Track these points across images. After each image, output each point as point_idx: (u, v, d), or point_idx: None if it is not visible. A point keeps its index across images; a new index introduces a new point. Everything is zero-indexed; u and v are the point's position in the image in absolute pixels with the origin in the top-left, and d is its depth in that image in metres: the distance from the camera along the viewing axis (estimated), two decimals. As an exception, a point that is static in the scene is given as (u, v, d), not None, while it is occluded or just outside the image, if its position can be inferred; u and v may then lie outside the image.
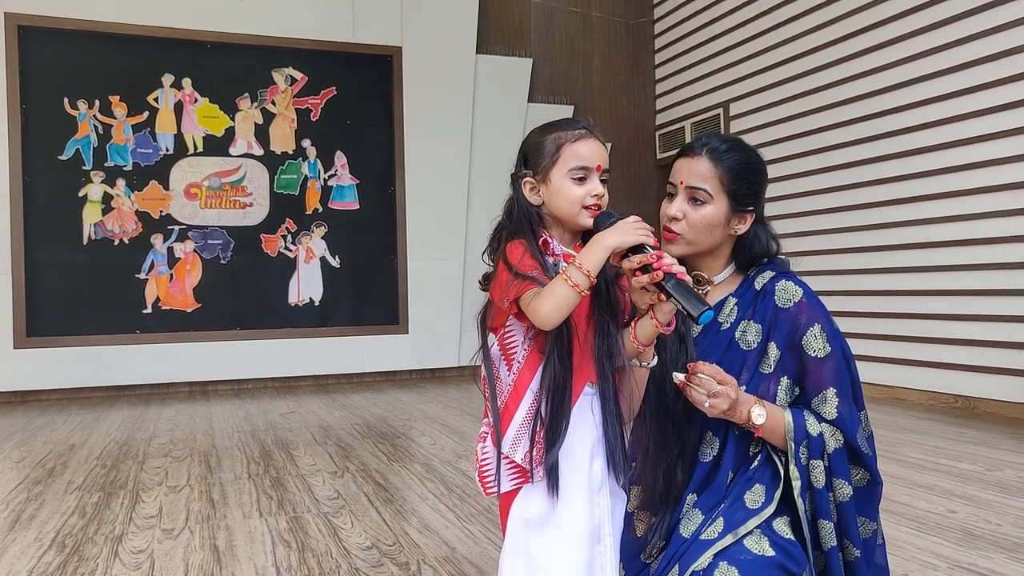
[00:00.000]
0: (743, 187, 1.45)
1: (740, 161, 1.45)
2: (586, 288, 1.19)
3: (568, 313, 1.21)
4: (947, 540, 2.37)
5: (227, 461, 3.61)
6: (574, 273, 1.19)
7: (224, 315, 6.06)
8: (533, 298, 1.21)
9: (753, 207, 1.48)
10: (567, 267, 1.21)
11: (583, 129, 1.31)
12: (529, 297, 1.22)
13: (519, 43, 7.07)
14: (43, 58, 5.67)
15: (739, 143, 1.48)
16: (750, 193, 1.46)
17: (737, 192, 1.45)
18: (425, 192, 6.52)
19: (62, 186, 5.70)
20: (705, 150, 1.45)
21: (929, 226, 4.75)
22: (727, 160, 1.44)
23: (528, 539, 1.26)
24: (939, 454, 3.48)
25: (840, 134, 5.35)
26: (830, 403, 1.39)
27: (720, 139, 1.47)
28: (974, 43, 4.44)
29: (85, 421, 4.76)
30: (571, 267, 1.20)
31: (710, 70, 6.70)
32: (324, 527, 2.61)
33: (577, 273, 1.19)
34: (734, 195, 1.45)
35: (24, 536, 2.56)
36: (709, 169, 1.44)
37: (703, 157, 1.45)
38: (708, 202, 1.44)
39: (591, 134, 1.31)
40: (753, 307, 1.46)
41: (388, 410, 5.02)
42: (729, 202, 1.45)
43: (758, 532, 1.32)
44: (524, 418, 1.27)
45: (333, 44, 6.34)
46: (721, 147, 1.45)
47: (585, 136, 1.30)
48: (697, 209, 1.44)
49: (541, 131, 1.34)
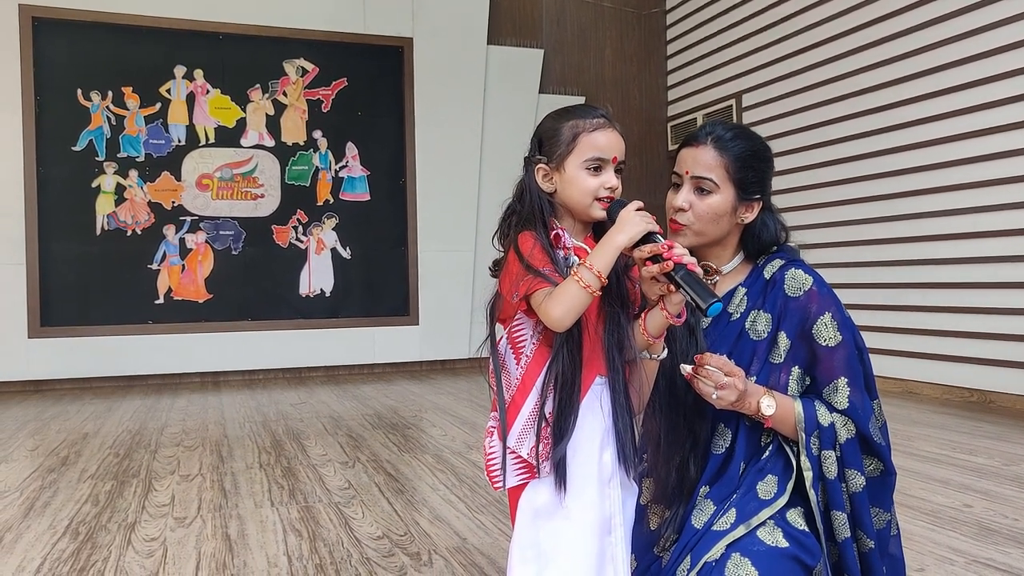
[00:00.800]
0: (749, 175, 1.43)
1: (745, 149, 1.43)
2: (598, 289, 1.18)
3: (580, 314, 1.20)
4: (963, 535, 2.35)
5: (239, 451, 3.63)
6: (585, 274, 1.17)
7: (235, 306, 6.08)
8: (544, 299, 1.20)
9: (760, 195, 1.46)
10: (578, 268, 1.19)
11: (601, 118, 1.28)
12: (540, 297, 1.20)
13: (530, 34, 7.04)
14: (57, 50, 5.69)
15: (744, 131, 1.46)
16: (756, 181, 1.44)
17: (743, 180, 1.43)
18: (436, 183, 6.51)
19: (75, 177, 5.73)
20: (710, 139, 1.43)
21: (944, 218, 4.70)
22: (732, 148, 1.42)
23: (538, 530, 1.25)
24: (954, 448, 3.45)
25: (854, 125, 5.29)
26: (841, 392, 1.38)
27: (725, 127, 1.45)
28: (994, 31, 4.37)
29: (98, 410, 4.80)
30: (582, 268, 1.18)
31: (722, 61, 6.65)
32: (335, 517, 2.61)
33: (588, 274, 1.17)
34: (740, 184, 1.43)
35: (38, 523, 2.58)
36: (714, 158, 1.42)
37: (708, 146, 1.43)
38: (714, 191, 1.42)
39: (609, 124, 1.28)
40: (763, 296, 1.44)
41: (399, 401, 5.03)
42: (735, 191, 1.43)
43: (771, 523, 1.31)
44: (531, 413, 1.25)
45: (344, 35, 6.33)
46: (726, 135, 1.43)
47: (603, 126, 1.27)
48: (703, 199, 1.43)
49: (558, 116, 1.31)
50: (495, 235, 1.34)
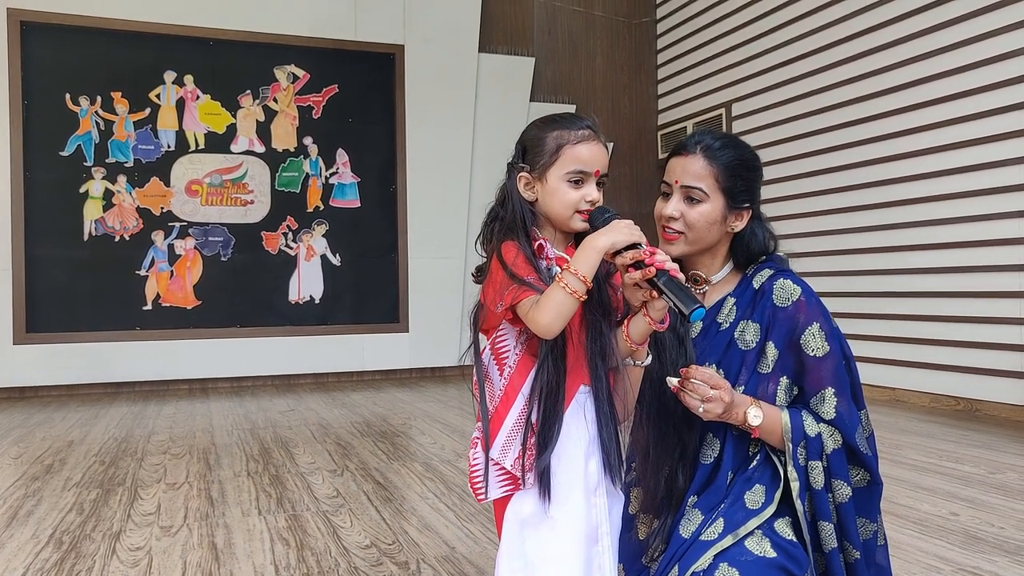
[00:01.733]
0: (738, 184, 1.44)
1: (734, 158, 1.44)
2: (584, 293, 1.17)
3: (568, 320, 1.19)
4: (950, 543, 2.36)
5: (226, 459, 3.60)
6: (570, 280, 1.16)
7: (224, 312, 6.05)
8: (531, 308, 1.19)
9: (749, 204, 1.46)
10: (562, 273, 1.18)
11: (587, 129, 1.27)
12: (527, 306, 1.19)
13: (521, 42, 7.06)
14: (45, 54, 5.66)
15: (733, 139, 1.47)
16: (746, 190, 1.45)
17: (732, 189, 1.43)
18: (426, 191, 6.51)
19: (63, 182, 5.69)
20: (699, 148, 1.44)
21: (931, 228, 4.73)
22: (721, 157, 1.43)
23: (524, 540, 1.24)
24: (941, 456, 3.47)
25: (842, 135, 5.33)
26: (828, 403, 1.38)
27: (714, 136, 1.45)
28: (980, 44, 4.42)
29: (84, 418, 4.75)
30: (566, 273, 1.17)
31: (713, 70, 6.69)
32: (323, 525, 2.59)
33: (573, 279, 1.16)
34: (730, 192, 1.43)
35: (21, 532, 2.55)
36: (704, 167, 1.42)
37: (697, 155, 1.43)
38: (704, 200, 1.42)
39: (595, 136, 1.27)
40: (752, 306, 1.45)
41: (388, 409, 5.01)
42: (725, 199, 1.43)
43: (759, 533, 1.31)
44: (514, 424, 1.24)
45: (335, 42, 6.33)
46: (715, 144, 1.44)
47: (587, 138, 1.26)
48: (693, 207, 1.43)
49: (543, 125, 1.30)
50: (478, 239, 1.34)
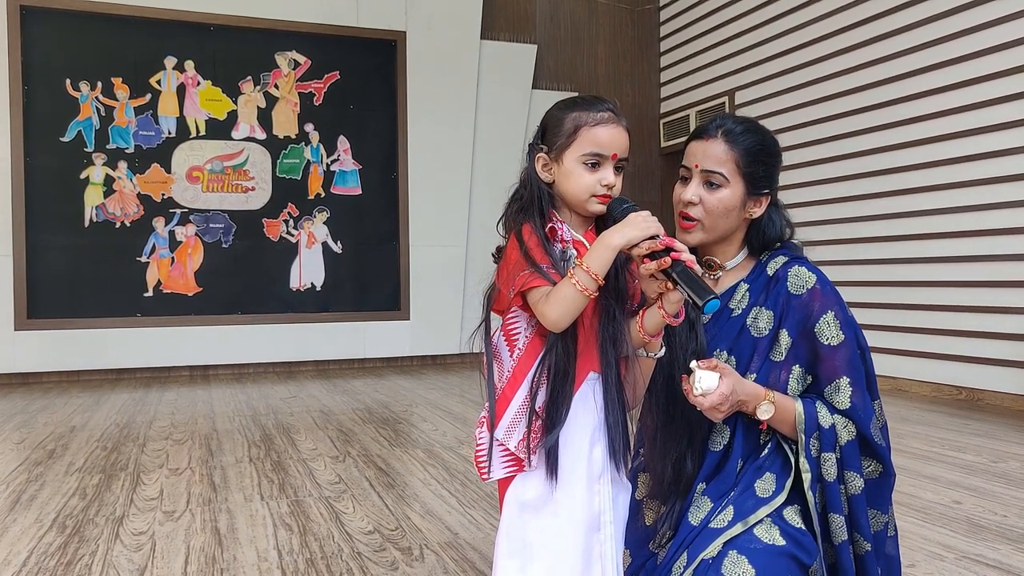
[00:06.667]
0: (759, 170, 1.41)
1: (756, 143, 1.41)
2: (595, 290, 1.17)
3: (577, 315, 1.19)
4: (953, 531, 2.36)
5: (228, 445, 3.60)
6: (581, 276, 1.16)
7: (225, 299, 6.04)
8: (540, 300, 1.19)
9: (769, 190, 1.44)
10: (574, 269, 1.17)
11: (606, 112, 1.25)
12: (536, 296, 1.19)
13: (524, 29, 7.01)
14: (45, 39, 5.62)
15: (754, 124, 1.44)
16: (766, 176, 1.43)
17: (753, 175, 1.41)
18: (428, 178, 6.48)
19: (64, 168, 5.67)
20: (720, 132, 1.41)
21: (934, 217, 4.72)
22: (743, 142, 1.40)
23: (524, 522, 1.24)
24: (944, 445, 3.47)
25: (845, 124, 5.31)
26: (843, 392, 1.36)
27: (735, 120, 1.43)
28: (987, 31, 4.39)
29: (86, 404, 4.75)
30: (578, 270, 1.16)
31: (716, 58, 6.65)
32: (326, 511, 2.59)
33: (585, 276, 1.16)
34: (750, 178, 1.41)
35: (25, 517, 2.55)
36: (725, 152, 1.40)
37: (718, 139, 1.41)
38: (724, 186, 1.40)
39: (614, 119, 1.25)
40: (765, 293, 1.43)
41: (389, 395, 5.01)
42: (745, 185, 1.41)
43: (768, 521, 1.30)
44: (521, 405, 1.24)
45: (337, 28, 6.28)
46: (736, 129, 1.41)
47: (606, 121, 1.24)
48: (713, 193, 1.41)
49: (564, 106, 1.28)
50: (499, 221, 1.32)
